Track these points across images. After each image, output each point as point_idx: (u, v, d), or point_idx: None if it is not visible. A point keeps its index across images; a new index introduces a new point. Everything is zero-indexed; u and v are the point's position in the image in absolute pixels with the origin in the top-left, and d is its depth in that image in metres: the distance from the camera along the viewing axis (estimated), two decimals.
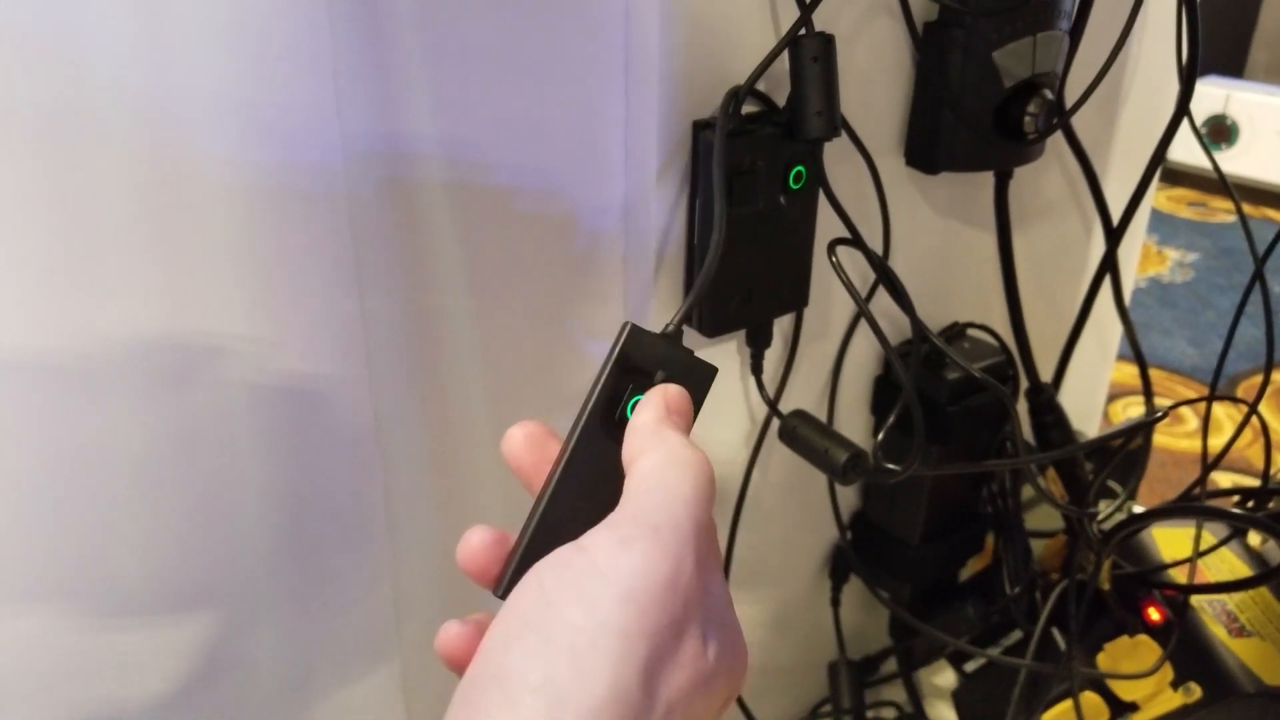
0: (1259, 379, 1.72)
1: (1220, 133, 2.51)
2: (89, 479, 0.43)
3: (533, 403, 0.55)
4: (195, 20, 0.38)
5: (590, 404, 0.36)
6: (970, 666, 0.82)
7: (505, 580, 0.35)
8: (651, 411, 0.34)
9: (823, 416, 0.69)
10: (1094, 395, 0.98)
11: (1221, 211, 2.47)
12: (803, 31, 0.51)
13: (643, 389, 0.36)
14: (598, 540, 0.30)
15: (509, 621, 0.29)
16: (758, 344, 0.59)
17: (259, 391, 0.46)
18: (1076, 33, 0.64)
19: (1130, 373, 0.79)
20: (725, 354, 0.61)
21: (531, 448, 0.36)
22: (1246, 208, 2.52)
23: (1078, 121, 0.70)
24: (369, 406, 0.50)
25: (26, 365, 0.40)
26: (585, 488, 0.35)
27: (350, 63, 0.42)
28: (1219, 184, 0.68)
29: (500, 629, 0.29)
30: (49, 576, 0.44)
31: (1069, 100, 0.64)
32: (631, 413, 0.35)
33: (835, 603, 0.78)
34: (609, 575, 0.29)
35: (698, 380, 0.37)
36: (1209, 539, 0.73)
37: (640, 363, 0.36)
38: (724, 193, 0.48)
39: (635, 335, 0.36)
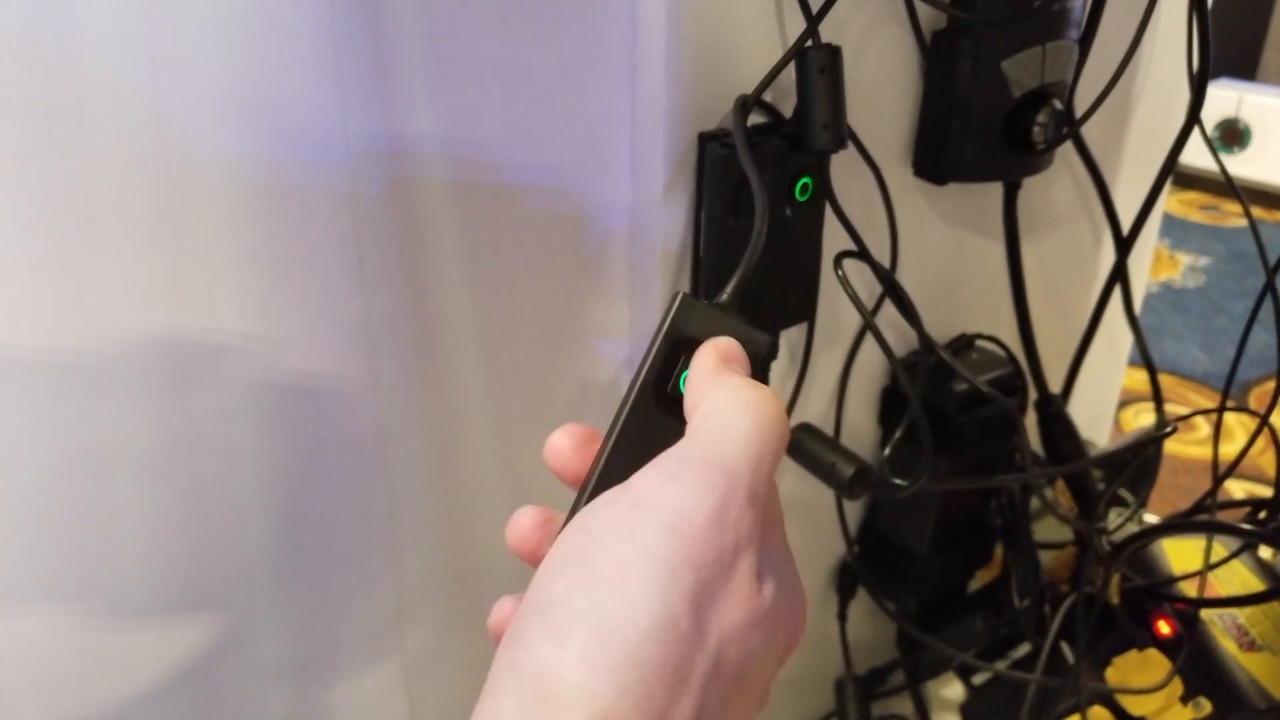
0: (1272, 385, 1.71)
1: (1233, 136, 2.49)
2: (90, 479, 0.43)
3: (535, 404, 0.55)
4: (196, 19, 0.38)
5: (641, 376, 0.34)
6: (978, 679, 0.81)
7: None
8: (709, 359, 0.33)
9: (830, 428, 0.68)
10: (1105, 403, 0.97)
11: (1234, 215, 2.46)
12: (809, 43, 0.50)
13: None
14: (643, 478, 0.30)
15: (554, 559, 0.29)
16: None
17: (261, 391, 0.46)
18: (1086, 41, 0.63)
19: (1141, 378, 0.79)
20: None
21: (579, 449, 0.35)
22: (1259, 211, 2.52)
23: (1088, 130, 0.69)
24: (372, 406, 0.50)
25: (27, 365, 0.40)
26: (635, 459, 0.33)
27: (353, 62, 0.42)
28: (1230, 188, 0.68)
29: (547, 566, 0.29)
30: (50, 577, 0.44)
31: (1079, 109, 0.64)
32: (684, 387, 0.34)
33: (842, 618, 0.77)
34: (653, 508, 0.28)
35: (753, 350, 0.35)
36: (1220, 551, 0.72)
37: (693, 333, 0.34)
38: (757, 174, 0.46)
39: (687, 305, 0.35)
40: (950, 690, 0.84)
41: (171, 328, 0.43)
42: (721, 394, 0.31)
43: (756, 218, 0.40)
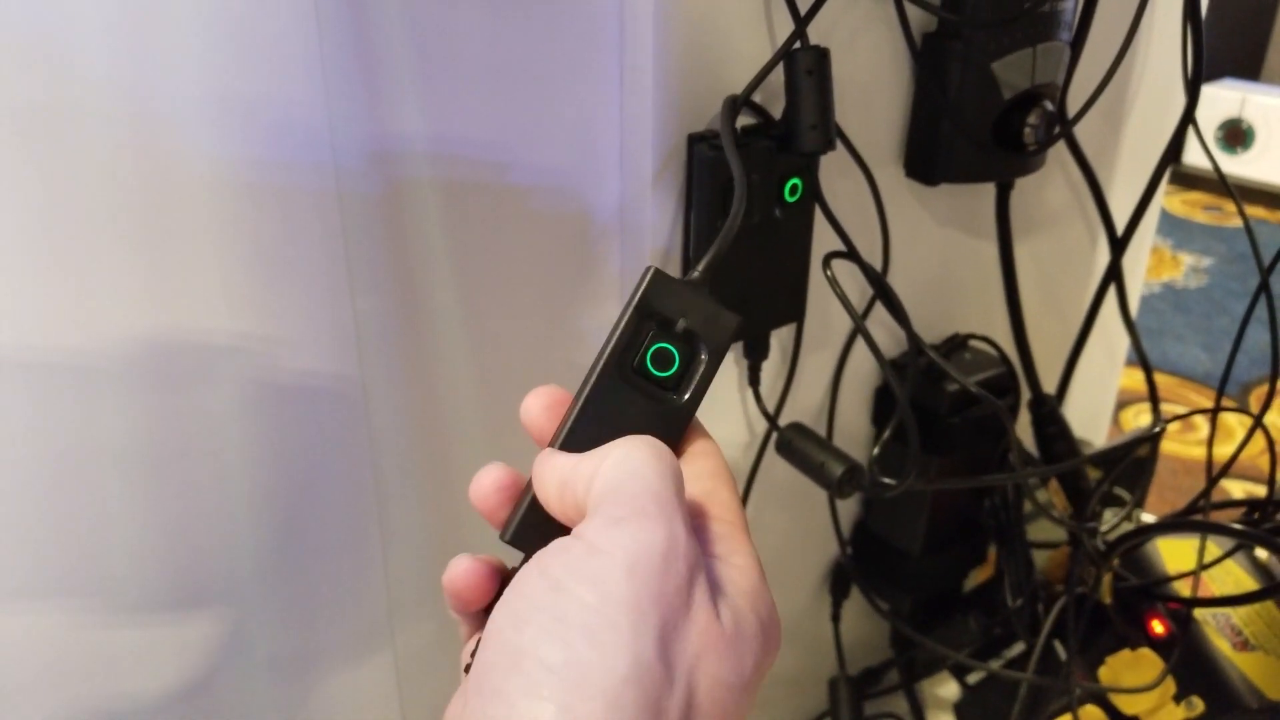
0: (1276, 386, 1.70)
1: (1236, 136, 2.49)
2: (81, 478, 0.44)
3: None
4: (184, 18, 0.39)
5: (608, 347, 0.34)
6: (972, 679, 0.81)
7: (512, 527, 0.34)
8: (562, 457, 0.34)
9: (822, 428, 0.68)
10: (1102, 403, 0.97)
11: (1237, 216, 2.45)
12: (797, 45, 0.50)
13: (664, 336, 0.35)
14: (589, 526, 0.30)
15: (517, 606, 0.29)
16: (755, 356, 0.59)
17: (251, 390, 0.46)
18: (1078, 43, 0.63)
19: (1142, 379, 0.79)
20: (722, 366, 0.61)
21: (548, 412, 0.35)
22: (1262, 211, 2.51)
23: (1082, 131, 0.69)
24: (360, 405, 0.50)
25: (18, 365, 0.40)
26: (599, 431, 0.34)
27: (341, 61, 0.43)
28: (1234, 188, 0.68)
29: (508, 613, 0.29)
30: (42, 575, 0.44)
31: (1072, 110, 0.64)
32: (651, 362, 0.34)
33: (835, 618, 0.78)
34: (609, 551, 0.29)
35: (720, 329, 0.35)
36: (1214, 551, 0.72)
37: (662, 309, 0.35)
38: (739, 161, 0.46)
39: (659, 280, 0.35)
40: (944, 689, 0.84)
41: (162, 327, 0.43)
42: (612, 455, 0.32)
43: (735, 199, 0.40)
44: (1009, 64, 0.59)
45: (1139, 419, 1.58)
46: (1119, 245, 0.74)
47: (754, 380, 0.60)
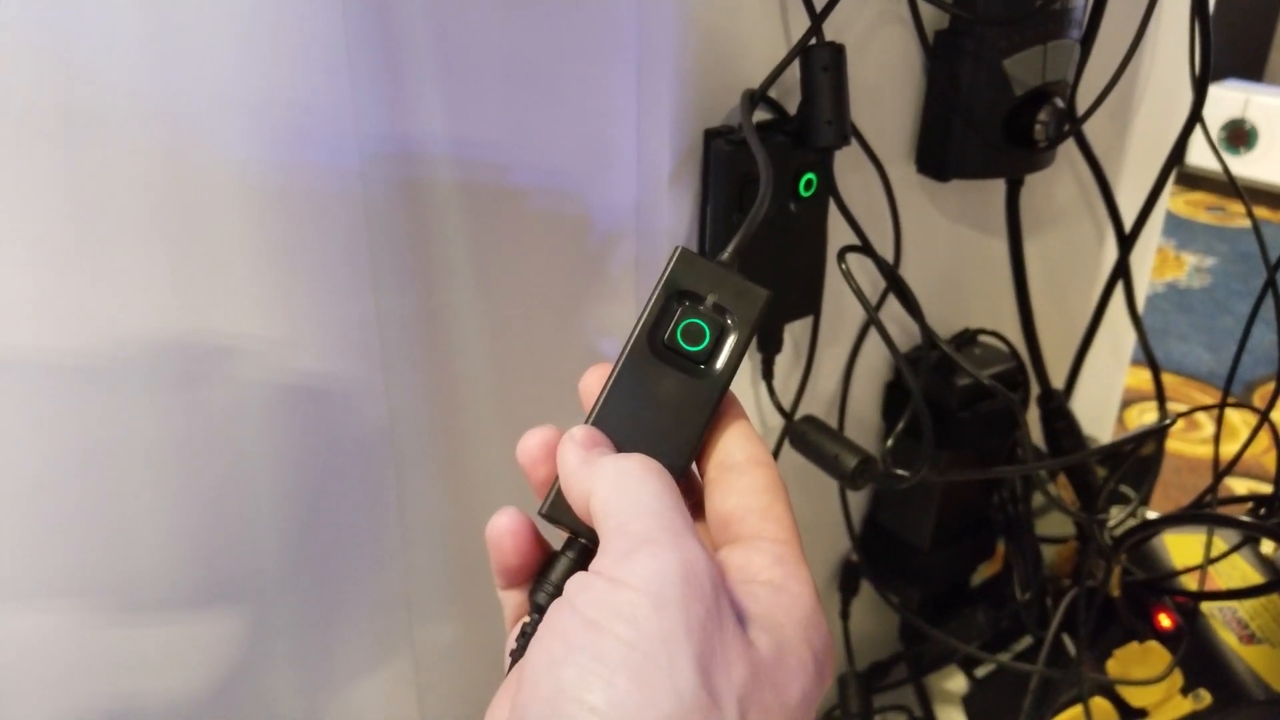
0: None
1: (1239, 137, 2.50)
2: (104, 477, 0.44)
3: (544, 402, 0.56)
4: (211, 23, 0.39)
5: (639, 324, 0.35)
6: (981, 672, 0.82)
7: (548, 502, 0.35)
8: (571, 456, 0.33)
9: (834, 422, 0.69)
10: (1108, 400, 0.98)
11: (1240, 216, 2.46)
12: (813, 41, 0.51)
13: (693, 311, 0.35)
14: (603, 560, 0.30)
15: (552, 645, 0.28)
16: (768, 350, 0.60)
17: (274, 390, 0.47)
18: (1088, 41, 0.64)
19: (1146, 377, 0.79)
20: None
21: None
22: (1265, 212, 2.52)
23: (1091, 128, 0.70)
24: (383, 405, 0.51)
25: (43, 364, 0.41)
26: (631, 408, 0.34)
27: (366, 65, 0.43)
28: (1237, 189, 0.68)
29: (543, 654, 0.28)
30: (64, 573, 0.45)
31: (1081, 108, 0.64)
32: (682, 336, 0.35)
33: (844, 615, 0.78)
34: (632, 584, 0.28)
35: (749, 304, 0.35)
36: (1220, 546, 0.73)
37: (691, 286, 0.35)
38: (762, 148, 0.46)
39: (686, 259, 0.35)
40: (953, 683, 0.84)
41: (187, 326, 0.43)
42: (604, 474, 0.32)
43: (761, 184, 0.40)
44: (1020, 61, 0.59)
45: (1143, 418, 1.59)
46: (1127, 242, 0.75)
47: (767, 374, 0.61)
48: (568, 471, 0.33)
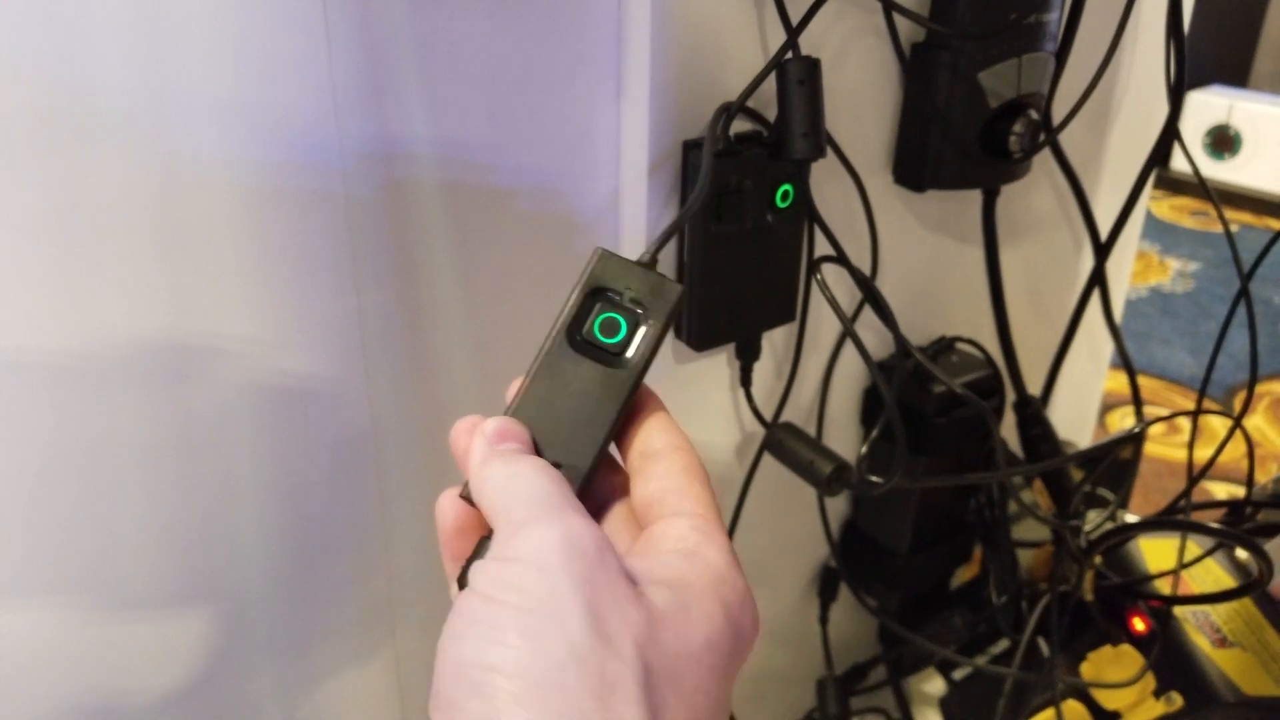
0: (1259, 389, 1.72)
1: (1223, 142, 2.51)
2: (89, 475, 0.44)
3: None
4: (194, 26, 0.40)
5: (557, 321, 0.37)
6: (959, 674, 0.83)
7: (466, 486, 0.36)
8: (474, 451, 0.36)
9: (813, 428, 0.70)
10: (1087, 406, 0.99)
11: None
12: (789, 55, 0.52)
13: (610, 306, 0.37)
14: (493, 546, 0.32)
15: (455, 624, 0.30)
16: (747, 357, 0.61)
17: (257, 389, 0.47)
18: (1063, 54, 0.65)
19: (1128, 382, 0.80)
20: (715, 367, 0.62)
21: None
22: (1249, 217, 2.53)
23: (1068, 138, 0.71)
24: (365, 404, 0.51)
25: (28, 364, 0.41)
26: (549, 398, 0.37)
27: (348, 67, 0.44)
28: (1221, 194, 0.69)
29: (449, 633, 0.30)
30: (47, 572, 0.45)
31: (1057, 118, 0.65)
32: (599, 330, 0.37)
33: (823, 621, 0.79)
34: (517, 559, 0.30)
35: (664, 298, 0.37)
36: (1195, 550, 0.74)
37: (609, 284, 0.37)
38: (711, 153, 0.48)
39: (605, 259, 0.38)
40: (930, 685, 0.85)
41: (171, 326, 0.44)
42: (491, 474, 0.34)
43: (696, 187, 0.43)
44: (995, 74, 0.60)
45: (1124, 422, 1.60)
46: (1103, 250, 0.76)
47: (745, 381, 0.61)
48: (471, 467, 0.35)
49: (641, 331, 0.37)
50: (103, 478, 0.45)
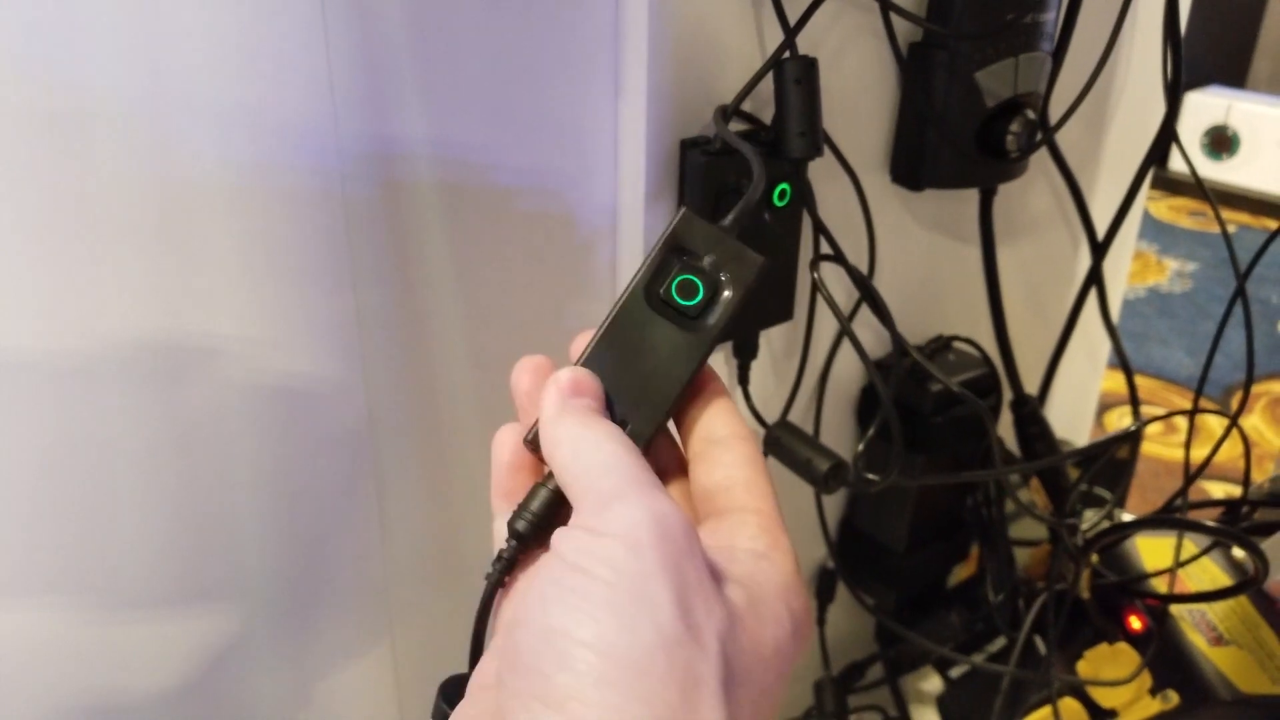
0: (1256, 389, 1.73)
1: (1221, 143, 2.52)
2: (87, 476, 0.44)
3: None
4: (191, 25, 0.40)
5: (637, 275, 0.36)
6: (955, 672, 0.83)
7: (532, 431, 0.36)
8: (546, 401, 0.35)
9: (810, 426, 0.70)
10: (1084, 405, 0.99)
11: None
12: (786, 54, 0.52)
13: (690, 269, 0.37)
14: (580, 519, 0.31)
15: (544, 588, 0.30)
16: (744, 356, 0.61)
17: (255, 389, 0.47)
18: (1060, 54, 0.65)
19: (1125, 382, 0.80)
20: (712, 365, 0.62)
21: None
22: (1246, 217, 2.53)
23: (1065, 138, 0.71)
24: (362, 404, 0.51)
25: (26, 364, 0.41)
26: (621, 353, 0.36)
27: (346, 66, 0.44)
28: (1219, 195, 0.70)
29: (536, 596, 0.30)
30: (45, 570, 0.45)
31: (1054, 118, 0.66)
32: (676, 291, 0.36)
33: (821, 622, 0.79)
34: (607, 534, 0.30)
35: (745, 268, 0.37)
36: (1191, 549, 0.74)
37: (690, 245, 0.37)
38: (742, 141, 0.48)
39: (688, 220, 0.37)
40: (928, 683, 0.86)
41: (169, 326, 0.44)
42: (565, 435, 0.33)
43: (755, 173, 0.42)
44: (992, 73, 0.60)
45: (1122, 421, 1.60)
46: (1100, 250, 0.76)
47: (743, 379, 0.62)
48: (544, 418, 0.34)
49: (720, 298, 0.37)
50: (101, 477, 0.45)
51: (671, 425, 0.38)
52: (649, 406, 0.36)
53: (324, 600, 0.55)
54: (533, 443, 0.36)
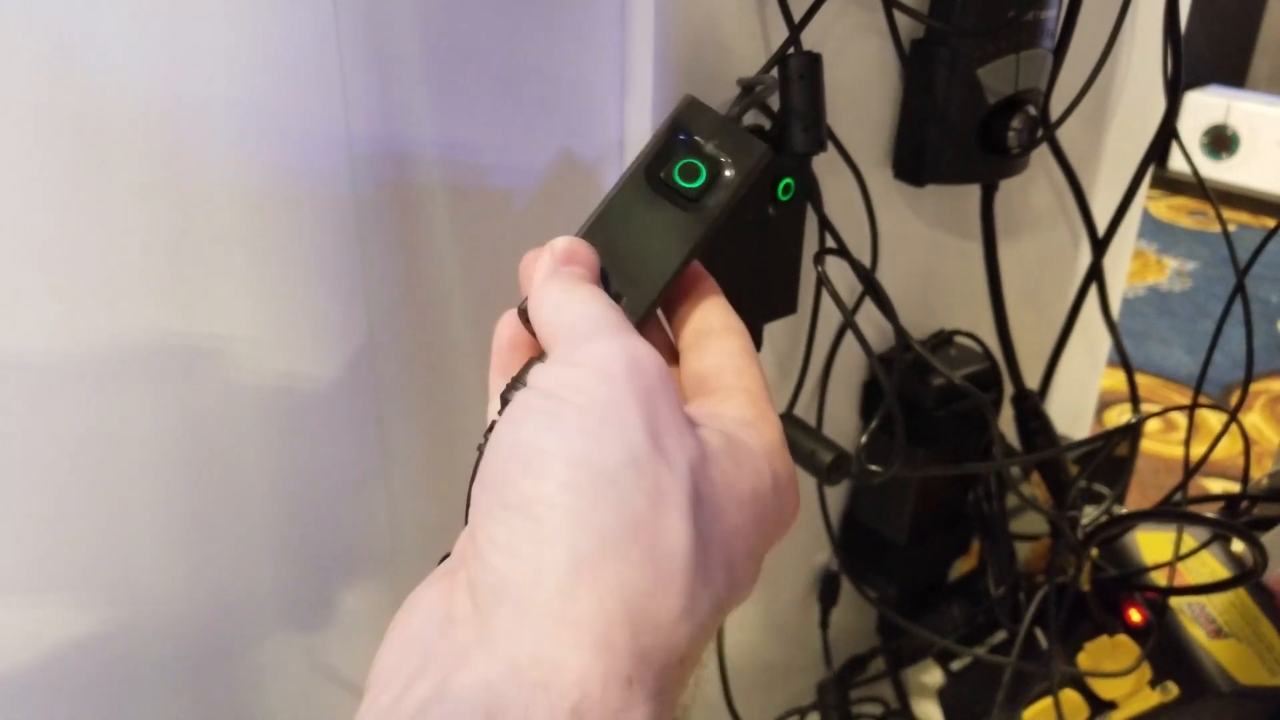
0: (1256, 386, 1.73)
1: (1221, 142, 2.52)
2: (97, 476, 0.45)
3: None
4: (202, 25, 0.40)
5: (639, 157, 0.36)
6: (957, 665, 0.84)
7: (525, 303, 0.36)
8: (540, 265, 0.35)
9: (813, 419, 0.70)
10: (1084, 402, 1.00)
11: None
12: (791, 50, 0.53)
13: (692, 152, 0.37)
14: (554, 354, 0.32)
15: (511, 412, 0.30)
16: None
17: (264, 390, 0.48)
18: (1061, 51, 0.66)
19: (1125, 379, 0.81)
20: None
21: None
22: (1246, 216, 2.54)
23: (1066, 135, 0.72)
24: (372, 405, 0.52)
25: (36, 364, 0.42)
26: (620, 229, 0.36)
27: (356, 66, 0.44)
28: (1219, 194, 0.70)
29: (504, 421, 0.30)
30: (57, 569, 0.46)
31: (1055, 115, 0.66)
32: (679, 174, 0.36)
33: (824, 625, 0.80)
34: (580, 364, 0.30)
35: (747, 154, 0.37)
36: (1190, 543, 0.74)
37: (694, 131, 0.37)
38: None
39: (691, 105, 0.37)
40: (929, 676, 0.86)
41: (178, 326, 0.44)
42: (549, 295, 0.33)
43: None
44: (993, 70, 0.61)
45: (1123, 419, 1.60)
46: (1100, 246, 0.76)
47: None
48: (534, 282, 0.35)
49: (721, 181, 0.36)
50: (110, 476, 0.45)
51: (665, 324, 0.38)
52: (644, 286, 0.35)
53: (332, 599, 0.55)
54: (525, 313, 0.36)
